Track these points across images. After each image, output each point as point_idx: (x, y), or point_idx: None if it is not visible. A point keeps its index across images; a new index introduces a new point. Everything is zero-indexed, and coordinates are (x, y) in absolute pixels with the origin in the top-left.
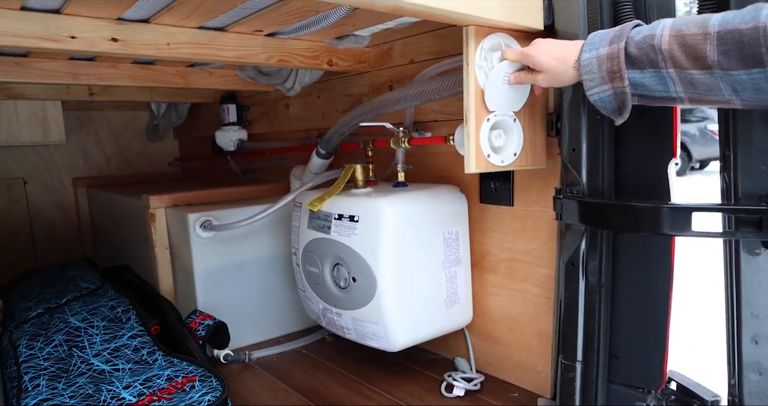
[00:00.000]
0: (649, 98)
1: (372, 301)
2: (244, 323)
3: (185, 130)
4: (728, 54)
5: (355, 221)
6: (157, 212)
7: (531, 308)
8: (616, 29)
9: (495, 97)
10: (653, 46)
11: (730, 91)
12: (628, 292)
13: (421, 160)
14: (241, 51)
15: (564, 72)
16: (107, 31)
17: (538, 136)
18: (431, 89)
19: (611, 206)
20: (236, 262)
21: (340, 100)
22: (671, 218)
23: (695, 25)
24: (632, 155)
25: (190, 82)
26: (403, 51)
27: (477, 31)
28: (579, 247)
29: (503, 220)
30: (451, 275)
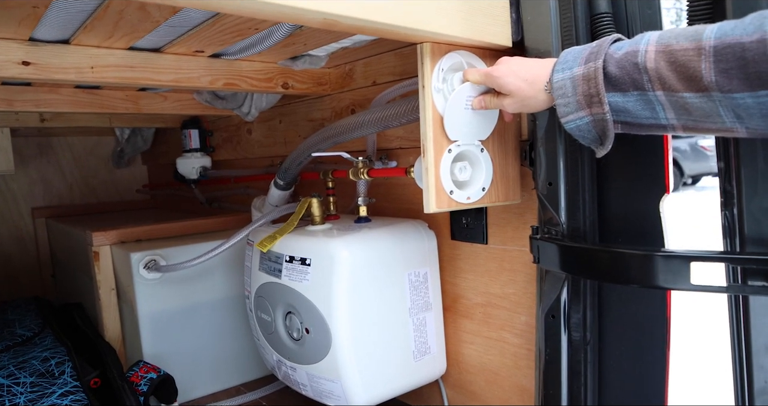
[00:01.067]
0: (634, 126)
1: (327, 355)
2: (197, 372)
3: (153, 156)
4: (728, 73)
5: (306, 264)
6: (101, 249)
7: (510, 360)
8: (592, 45)
9: (457, 124)
10: (636, 64)
11: (732, 118)
12: (619, 350)
13: (388, 191)
14: (180, 74)
15: (534, 96)
16: (18, 53)
17: (511, 167)
18: (389, 115)
19: (595, 252)
20: (188, 305)
21: (302, 125)
22: (666, 269)
23: (686, 38)
24: (618, 191)
25: (142, 107)
26: (364, 72)
27: (433, 48)
28: (560, 296)
29: (477, 259)
30: (420, 323)
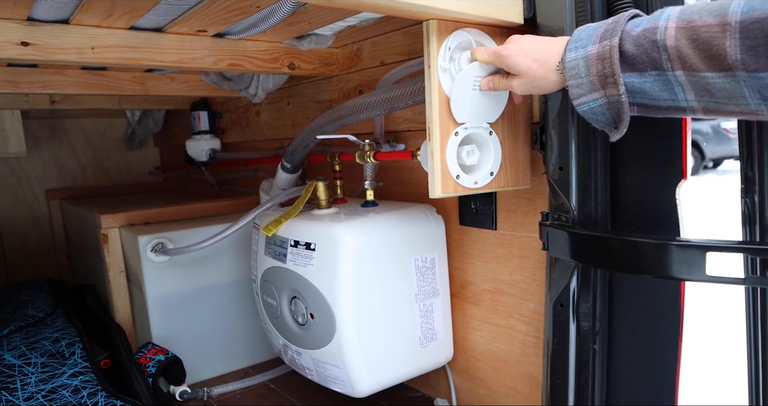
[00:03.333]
0: (651, 108)
1: (332, 341)
2: (204, 355)
3: (164, 138)
4: (756, 50)
5: (311, 249)
6: (110, 232)
7: (518, 348)
8: (608, 22)
9: (464, 106)
10: (655, 42)
11: (758, 100)
12: (629, 341)
13: (396, 174)
14: (184, 55)
15: (545, 76)
16: (17, 33)
17: (521, 150)
18: (395, 96)
19: (607, 240)
20: (196, 288)
21: (309, 106)
22: (681, 259)
23: (710, 13)
24: (632, 177)
25: (149, 89)
26: (372, 52)
27: (440, 26)
28: (569, 285)
29: (485, 245)
30: (427, 309)
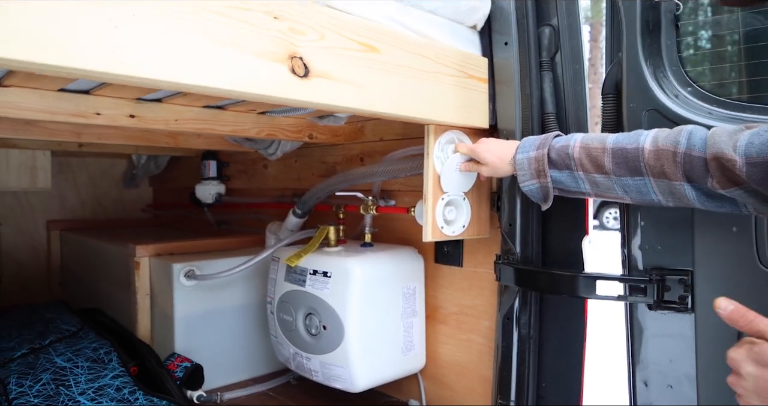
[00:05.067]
0: (565, 191)
1: (339, 347)
2: (216, 366)
3: (161, 179)
4: (619, 165)
5: (328, 276)
6: (142, 260)
7: (476, 356)
8: (542, 137)
9: (449, 181)
10: (568, 154)
11: (622, 191)
12: (552, 342)
13: (386, 223)
14: (237, 126)
15: (502, 167)
16: (127, 109)
17: (483, 211)
18: (397, 169)
19: (539, 273)
20: (213, 309)
21: (316, 166)
22: (582, 285)
23: (598, 141)
24: (555, 232)
25: (180, 143)
26: (374, 130)
27: (436, 128)
28: (513, 304)
29: (454, 278)
30: (408, 325)
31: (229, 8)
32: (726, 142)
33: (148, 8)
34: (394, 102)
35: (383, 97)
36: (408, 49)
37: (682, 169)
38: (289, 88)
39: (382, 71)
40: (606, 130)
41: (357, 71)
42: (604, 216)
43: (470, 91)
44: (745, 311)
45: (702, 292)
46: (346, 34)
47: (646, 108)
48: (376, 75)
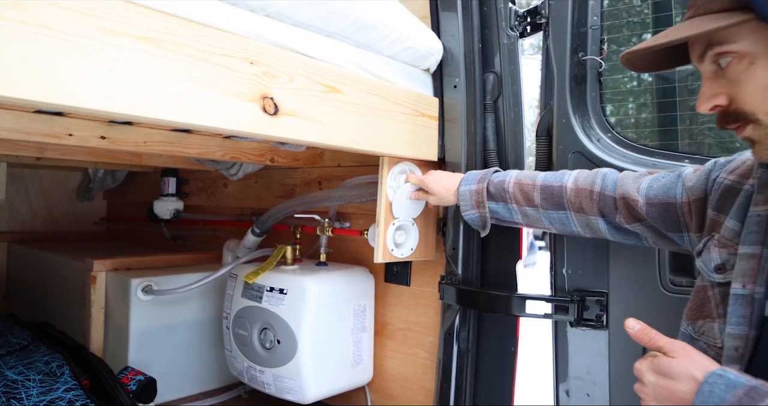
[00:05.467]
0: (501, 221)
1: (292, 360)
2: (169, 379)
3: (117, 193)
4: (546, 200)
5: (284, 293)
6: (99, 274)
7: (420, 369)
8: (482, 172)
9: (400, 207)
10: (504, 188)
11: (548, 223)
12: (488, 356)
13: (341, 244)
14: (203, 149)
15: (448, 197)
16: (98, 130)
17: (430, 236)
18: (353, 195)
19: (478, 293)
20: (168, 323)
21: (275, 187)
22: (514, 304)
23: (530, 178)
24: (493, 256)
25: (143, 160)
26: (332, 156)
27: (390, 160)
28: (454, 321)
29: (402, 296)
30: (358, 340)
31: (214, 55)
32: (631, 185)
33: (140, 54)
34: (353, 137)
35: (343, 132)
36: (367, 90)
37: (597, 206)
38: (260, 125)
39: (343, 110)
40: (539, 167)
41: (321, 110)
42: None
43: (422, 127)
44: (648, 330)
45: (615, 311)
46: (313, 77)
47: (572, 150)
48: (337, 113)
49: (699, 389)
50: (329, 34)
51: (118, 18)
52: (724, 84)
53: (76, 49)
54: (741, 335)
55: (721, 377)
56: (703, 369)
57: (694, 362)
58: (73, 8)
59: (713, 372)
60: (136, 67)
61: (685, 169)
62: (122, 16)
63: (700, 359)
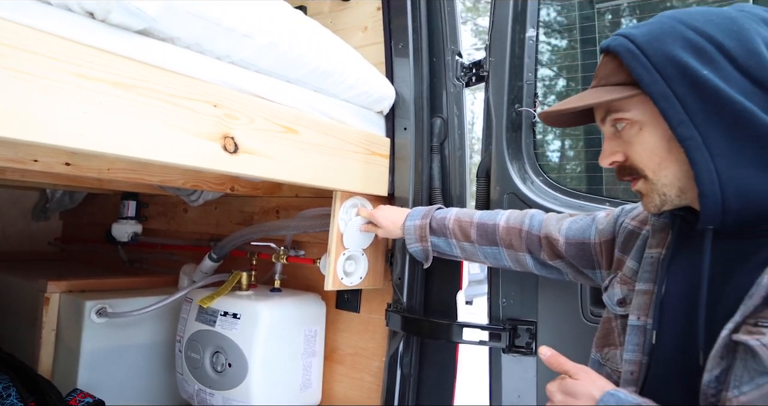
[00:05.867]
0: (442, 254)
1: (243, 383)
2: (119, 402)
3: (74, 214)
4: (481, 236)
5: (237, 318)
6: (52, 296)
7: (365, 393)
8: (427, 209)
9: (350, 239)
10: (445, 224)
11: (483, 257)
12: (429, 380)
13: (295, 271)
14: (164, 177)
15: (395, 230)
16: (63, 157)
17: (379, 265)
18: (307, 225)
19: (421, 321)
20: (120, 346)
21: (234, 214)
22: (453, 331)
23: (468, 216)
24: (436, 286)
25: (104, 184)
26: (291, 187)
27: (342, 194)
28: (398, 347)
29: (351, 323)
30: (308, 365)
31: (179, 98)
32: (554, 226)
33: (111, 98)
34: (307, 173)
35: (298, 169)
36: (322, 131)
37: (525, 243)
38: (221, 162)
39: (299, 149)
40: (478, 206)
41: (278, 148)
42: None
43: (373, 165)
44: (557, 356)
45: (543, 339)
46: (271, 119)
47: (507, 191)
48: (293, 151)
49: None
50: (290, 80)
51: (90, 64)
52: (620, 144)
53: (51, 91)
54: (635, 360)
55: (613, 397)
56: (600, 389)
57: (593, 383)
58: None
59: (607, 392)
60: (108, 109)
61: (599, 214)
62: (94, 62)
63: (599, 381)
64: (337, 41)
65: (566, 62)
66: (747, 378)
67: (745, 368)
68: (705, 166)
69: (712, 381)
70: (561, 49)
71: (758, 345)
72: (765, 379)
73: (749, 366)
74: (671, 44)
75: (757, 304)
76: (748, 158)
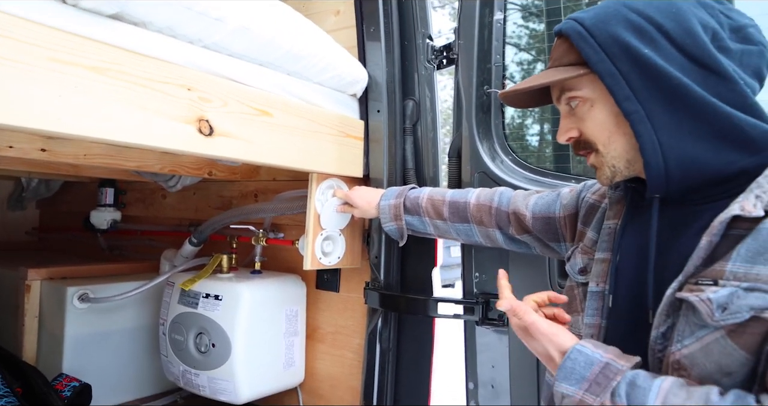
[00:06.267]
0: (417, 232)
1: (226, 362)
2: (105, 386)
3: (51, 203)
4: (453, 214)
5: (219, 299)
6: (33, 283)
7: (347, 369)
8: (400, 189)
9: (327, 219)
10: (419, 203)
11: (456, 234)
12: (407, 354)
13: (275, 253)
14: (141, 162)
15: (370, 210)
16: (39, 143)
17: (356, 245)
18: (285, 207)
19: (398, 297)
20: (104, 331)
21: (213, 199)
22: (429, 306)
23: (440, 195)
24: (412, 264)
25: (80, 171)
26: (268, 171)
27: (318, 176)
28: (377, 323)
29: (331, 302)
30: (290, 344)
31: (153, 81)
32: (521, 202)
33: (87, 82)
34: (282, 156)
35: (273, 151)
36: (296, 113)
37: (494, 220)
38: (197, 144)
39: (273, 131)
40: (450, 185)
41: (252, 131)
42: None
43: (347, 147)
44: (516, 309)
45: None
46: (245, 102)
47: (478, 170)
48: (268, 134)
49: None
50: (262, 63)
51: (64, 49)
52: (575, 121)
53: (26, 75)
54: (595, 324)
55: (581, 353)
56: (559, 348)
57: (551, 342)
58: (19, 39)
59: (574, 348)
60: (83, 92)
61: (564, 190)
62: (68, 47)
63: (558, 337)
64: (309, 25)
65: (545, 44)
66: (688, 332)
67: (687, 323)
68: (648, 138)
69: (658, 338)
70: (539, 33)
71: (697, 301)
72: (704, 332)
73: (690, 321)
74: (615, 26)
75: (697, 264)
76: (686, 129)
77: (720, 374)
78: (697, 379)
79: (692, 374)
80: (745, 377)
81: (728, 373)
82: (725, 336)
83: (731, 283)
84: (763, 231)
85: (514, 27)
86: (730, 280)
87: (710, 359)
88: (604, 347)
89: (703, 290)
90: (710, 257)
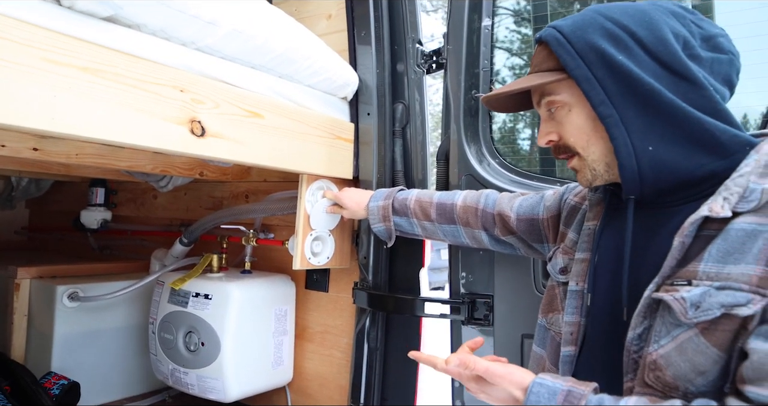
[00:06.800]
0: (404, 233)
1: (216, 361)
2: (94, 385)
3: (41, 202)
4: (440, 215)
5: (209, 298)
6: (23, 282)
7: (335, 369)
8: (389, 190)
9: (317, 220)
10: (407, 205)
11: (443, 235)
12: (395, 354)
13: (265, 253)
14: (133, 162)
15: (359, 211)
16: (31, 142)
17: (345, 246)
18: (275, 208)
19: (386, 297)
20: (94, 329)
21: (204, 199)
22: (416, 306)
23: (428, 197)
24: (400, 264)
25: (72, 170)
26: (259, 171)
27: (308, 177)
28: (365, 323)
29: (320, 302)
30: (279, 343)
31: (146, 83)
32: (506, 204)
33: (81, 82)
34: (273, 157)
35: (264, 152)
36: (287, 116)
37: (480, 221)
38: (189, 145)
39: (264, 133)
40: (438, 187)
41: (244, 132)
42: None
43: (338, 149)
44: (466, 361)
45: (499, 311)
46: (237, 104)
47: (465, 173)
48: (259, 135)
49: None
50: (254, 66)
51: (59, 50)
52: (554, 125)
53: (21, 76)
54: (574, 322)
55: (542, 385)
56: (520, 385)
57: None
58: (14, 39)
59: (534, 381)
60: (77, 93)
61: (547, 192)
62: (63, 48)
63: (514, 375)
64: (301, 29)
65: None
66: (664, 332)
67: (663, 323)
68: (622, 141)
69: (634, 339)
70: (530, 38)
71: (671, 299)
72: (679, 330)
73: (666, 321)
74: (592, 33)
75: (672, 265)
76: (659, 133)
77: (694, 374)
78: (672, 379)
79: (667, 375)
80: (718, 376)
81: (702, 372)
82: (699, 334)
83: (704, 283)
84: (732, 232)
85: (506, 32)
86: (703, 280)
87: (684, 358)
88: (561, 378)
89: (678, 290)
90: (684, 258)
